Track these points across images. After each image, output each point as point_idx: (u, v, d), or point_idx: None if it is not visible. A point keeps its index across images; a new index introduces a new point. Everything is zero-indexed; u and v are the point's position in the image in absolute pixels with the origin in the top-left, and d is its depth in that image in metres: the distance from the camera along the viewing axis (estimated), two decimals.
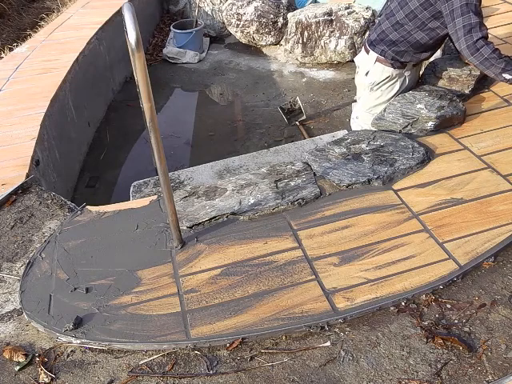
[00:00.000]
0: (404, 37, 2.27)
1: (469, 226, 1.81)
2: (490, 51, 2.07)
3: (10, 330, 1.64)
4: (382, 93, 2.46)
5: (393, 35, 2.30)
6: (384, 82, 2.42)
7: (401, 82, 2.42)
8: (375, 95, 2.48)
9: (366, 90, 2.53)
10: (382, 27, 2.35)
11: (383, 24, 2.35)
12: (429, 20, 2.19)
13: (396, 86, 2.43)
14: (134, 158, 3.60)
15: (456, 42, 2.12)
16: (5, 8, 7.06)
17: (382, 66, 2.38)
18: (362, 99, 2.59)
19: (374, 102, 2.50)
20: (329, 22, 4.49)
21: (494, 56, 2.07)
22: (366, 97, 2.55)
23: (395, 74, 2.39)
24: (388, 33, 2.32)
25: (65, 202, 2.18)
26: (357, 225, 1.87)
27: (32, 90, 3.11)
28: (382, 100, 2.48)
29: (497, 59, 2.08)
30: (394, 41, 2.30)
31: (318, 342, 1.51)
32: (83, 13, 4.53)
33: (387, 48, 2.33)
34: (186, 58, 5.03)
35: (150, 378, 1.45)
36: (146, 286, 1.71)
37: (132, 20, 1.34)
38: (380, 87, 2.45)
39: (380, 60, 2.38)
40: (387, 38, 2.32)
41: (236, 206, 2.00)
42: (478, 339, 1.47)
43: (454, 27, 2.10)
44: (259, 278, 1.70)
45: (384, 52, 2.35)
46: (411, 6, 2.20)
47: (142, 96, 1.45)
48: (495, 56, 2.07)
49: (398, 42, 2.30)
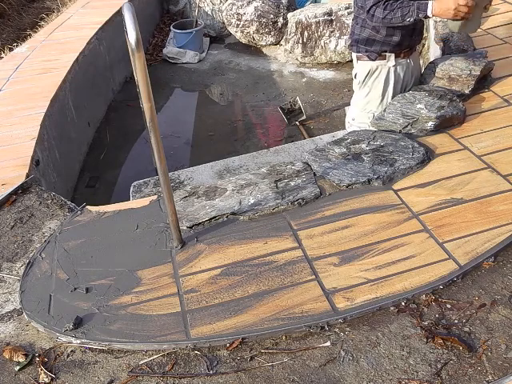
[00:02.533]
0: (362, 25, 2.36)
1: (469, 226, 1.81)
2: (381, 11, 2.16)
3: (10, 330, 1.64)
4: (370, 88, 2.48)
5: (356, 28, 2.41)
6: (367, 76, 2.46)
7: (385, 73, 2.44)
8: (364, 92, 2.51)
9: (356, 91, 2.58)
10: (351, 25, 2.49)
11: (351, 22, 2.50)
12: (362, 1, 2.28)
13: (381, 78, 2.45)
14: (134, 158, 3.60)
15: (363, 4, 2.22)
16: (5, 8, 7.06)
17: (362, 62, 2.45)
18: (353, 100, 2.62)
19: (365, 100, 2.52)
20: (329, 21, 4.49)
21: (387, 12, 2.16)
22: (356, 96, 2.59)
23: (375, 65, 2.43)
24: (353, 28, 2.44)
25: (65, 202, 2.18)
26: (357, 225, 1.87)
27: (32, 89, 3.11)
28: (372, 96, 2.49)
29: (391, 12, 2.16)
30: (359, 33, 2.39)
31: (318, 342, 1.51)
32: (83, 13, 4.53)
33: (357, 43, 2.42)
34: (186, 58, 5.03)
35: (149, 378, 1.45)
36: (146, 286, 1.71)
37: (132, 20, 1.34)
38: (366, 83, 2.49)
39: (359, 57, 2.46)
40: (354, 34, 2.43)
41: (236, 206, 2.00)
42: (477, 339, 1.47)
43: None
44: (259, 278, 1.70)
45: (358, 48, 2.43)
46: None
47: (142, 96, 1.45)
48: (388, 11, 2.16)
49: (361, 33, 2.38)
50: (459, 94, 2.48)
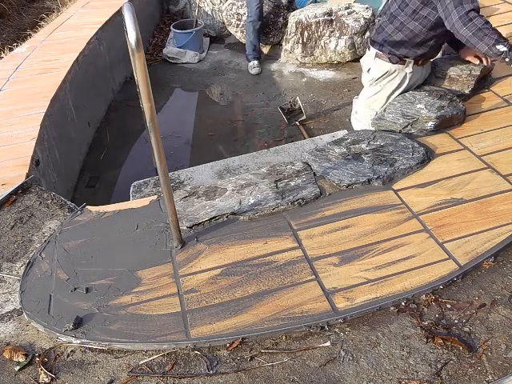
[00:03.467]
0: (398, 28, 2.31)
1: (469, 226, 1.81)
2: (483, 22, 2.03)
3: (10, 330, 1.64)
4: (381, 88, 2.48)
5: (388, 28, 2.35)
6: (383, 77, 2.45)
7: (400, 78, 2.43)
8: (374, 90, 2.51)
9: (366, 86, 2.57)
10: (380, 22, 2.41)
11: (381, 19, 2.42)
12: (419, 7, 2.22)
13: (395, 81, 2.44)
14: (134, 158, 3.60)
15: (447, 17, 2.09)
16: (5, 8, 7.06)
17: (381, 61, 2.42)
18: (361, 93, 2.63)
19: (373, 97, 2.52)
20: (329, 21, 4.49)
21: (487, 27, 2.04)
22: (365, 91, 2.59)
23: (393, 69, 2.41)
24: (384, 26, 2.38)
25: (65, 202, 2.18)
26: (357, 225, 1.87)
27: (32, 89, 3.11)
28: (381, 95, 2.49)
29: (490, 30, 2.04)
30: (390, 33, 2.35)
31: (318, 341, 1.51)
32: (83, 13, 4.53)
33: (384, 42, 2.38)
34: (186, 58, 5.03)
35: (149, 378, 1.45)
36: (146, 286, 1.71)
37: (132, 20, 1.34)
38: (379, 82, 2.48)
39: (379, 55, 2.42)
40: (384, 32, 2.38)
41: (236, 206, 2.00)
42: (478, 339, 1.47)
43: (443, 4, 2.09)
44: (259, 277, 1.70)
45: (382, 47, 2.39)
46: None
47: (142, 96, 1.45)
48: (488, 27, 2.04)
49: (393, 35, 2.34)
50: (459, 94, 2.48)
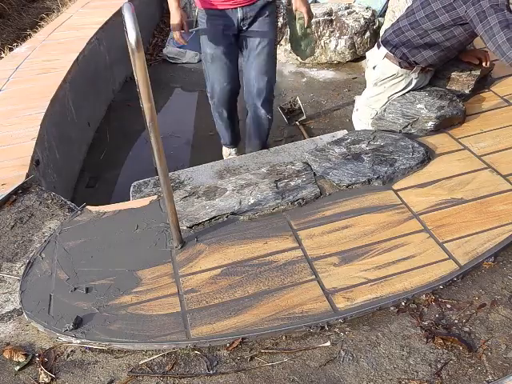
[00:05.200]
0: (420, 35, 2.27)
1: (469, 226, 1.81)
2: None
3: (10, 330, 1.64)
4: (385, 89, 2.47)
5: (409, 33, 2.30)
6: (389, 78, 2.43)
7: (406, 82, 2.42)
8: (378, 90, 2.50)
9: (370, 84, 2.56)
10: (400, 24, 2.36)
11: (401, 21, 2.36)
12: (449, 24, 2.17)
13: (400, 85, 2.43)
14: (134, 158, 3.59)
15: (490, 39, 2.01)
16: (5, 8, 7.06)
17: (389, 63, 2.40)
18: (364, 91, 2.62)
19: (375, 97, 2.51)
20: (329, 21, 4.49)
21: None
22: (368, 89, 2.58)
23: (401, 72, 2.40)
24: (405, 30, 2.32)
25: (65, 202, 2.18)
26: (357, 225, 1.87)
27: (32, 89, 3.11)
28: (383, 96, 2.48)
29: None
30: (410, 38, 2.31)
31: (318, 342, 1.50)
32: (83, 13, 4.52)
33: (401, 45, 2.34)
34: (186, 58, 5.03)
35: (149, 378, 1.45)
36: (145, 286, 1.71)
37: (132, 20, 1.34)
38: (384, 83, 2.46)
39: (388, 56, 2.39)
40: (402, 35, 2.33)
41: (236, 206, 2.00)
42: (478, 339, 1.47)
43: (486, 25, 2.01)
44: (259, 277, 1.70)
45: (395, 49, 2.36)
46: (433, 7, 2.18)
47: (142, 96, 1.45)
48: None
49: (413, 40, 2.30)
50: (459, 94, 2.48)
